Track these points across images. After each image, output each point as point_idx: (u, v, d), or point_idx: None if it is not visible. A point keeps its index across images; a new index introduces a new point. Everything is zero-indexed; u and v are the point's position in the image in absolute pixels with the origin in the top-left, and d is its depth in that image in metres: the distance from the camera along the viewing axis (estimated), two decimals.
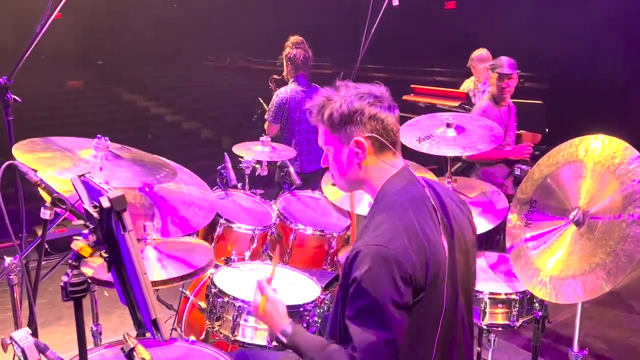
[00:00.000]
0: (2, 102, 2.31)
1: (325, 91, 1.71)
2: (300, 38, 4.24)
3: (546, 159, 2.35)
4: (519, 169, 2.89)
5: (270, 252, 2.99)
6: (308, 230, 2.98)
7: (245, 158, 3.30)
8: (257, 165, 3.34)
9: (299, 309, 2.28)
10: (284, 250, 3.00)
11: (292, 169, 3.32)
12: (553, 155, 2.32)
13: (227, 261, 2.56)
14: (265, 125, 4.23)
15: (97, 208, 1.25)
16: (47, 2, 2.24)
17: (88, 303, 2.68)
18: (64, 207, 1.82)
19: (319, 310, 2.35)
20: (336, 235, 3.01)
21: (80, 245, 1.28)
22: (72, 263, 1.31)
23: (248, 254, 2.83)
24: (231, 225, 2.82)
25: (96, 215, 1.27)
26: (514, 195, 2.49)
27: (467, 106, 5.36)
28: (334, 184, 1.85)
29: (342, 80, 1.74)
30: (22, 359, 1.40)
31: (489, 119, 4.05)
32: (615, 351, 3.62)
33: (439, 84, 6.81)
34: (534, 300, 2.58)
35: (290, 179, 3.29)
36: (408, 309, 1.51)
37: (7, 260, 2.02)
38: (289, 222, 2.99)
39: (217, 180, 3.12)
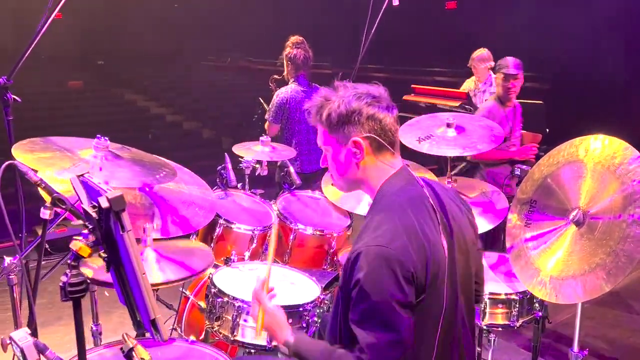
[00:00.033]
0: (2, 102, 2.31)
1: (323, 91, 1.71)
2: (301, 38, 4.24)
3: (546, 159, 2.35)
4: (519, 169, 2.88)
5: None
6: (308, 230, 2.98)
7: (245, 158, 3.30)
8: (257, 165, 3.33)
9: (298, 309, 2.28)
10: (283, 250, 3.00)
11: (292, 169, 3.32)
12: (553, 155, 2.32)
13: (227, 261, 2.56)
14: (266, 125, 4.23)
15: (95, 208, 1.25)
16: (47, 2, 2.24)
17: (88, 303, 2.70)
18: (64, 207, 1.81)
19: (318, 311, 2.35)
20: (336, 235, 3.00)
21: (79, 245, 1.28)
22: (71, 263, 1.31)
23: (248, 254, 2.83)
24: (231, 225, 2.82)
25: (95, 215, 1.26)
26: None
27: (468, 106, 5.36)
28: (333, 184, 1.85)
29: (341, 80, 1.74)
30: (21, 359, 1.40)
31: (495, 120, 4.06)
32: (616, 351, 3.61)
33: (440, 84, 6.80)
34: (534, 301, 2.59)
35: (290, 179, 3.29)
36: (412, 308, 1.51)
37: (7, 260, 2.01)
38: (289, 222, 2.99)
39: (217, 181, 3.12)
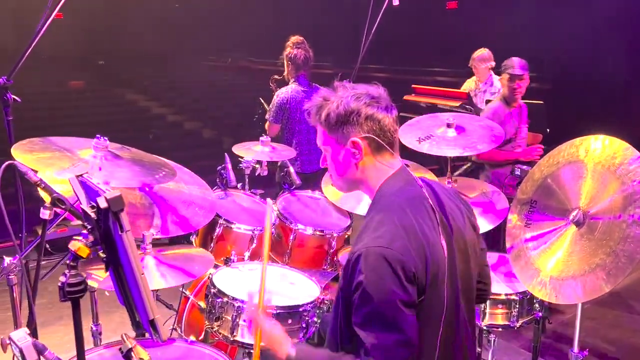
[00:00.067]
0: (2, 102, 2.31)
1: (323, 92, 1.71)
2: (301, 38, 4.23)
3: (547, 159, 2.34)
4: (519, 169, 2.87)
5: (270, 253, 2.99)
6: (308, 231, 2.98)
7: (245, 158, 3.30)
8: (257, 165, 3.33)
9: (298, 309, 2.28)
10: (283, 250, 3.00)
11: (292, 169, 3.31)
12: (553, 155, 2.32)
13: (227, 261, 2.56)
14: (266, 125, 4.23)
15: (94, 208, 1.25)
16: (47, 2, 2.24)
17: (88, 303, 2.70)
18: (63, 207, 1.81)
19: (318, 311, 2.35)
20: (336, 235, 3.00)
21: (77, 245, 1.28)
22: (70, 263, 1.31)
23: (247, 254, 2.83)
24: (230, 225, 2.82)
25: (93, 215, 1.26)
26: None
27: (469, 106, 5.35)
28: (333, 184, 1.84)
29: (341, 80, 1.74)
30: (20, 359, 1.40)
31: (500, 120, 4.06)
32: (616, 352, 3.61)
33: (440, 84, 6.79)
34: (534, 301, 2.58)
35: (290, 179, 3.29)
36: (416, 307, 1.50)
37: (7, 260, 2.01)
38: (289, 222, 2.98)
39: (217, 181, 3.12)
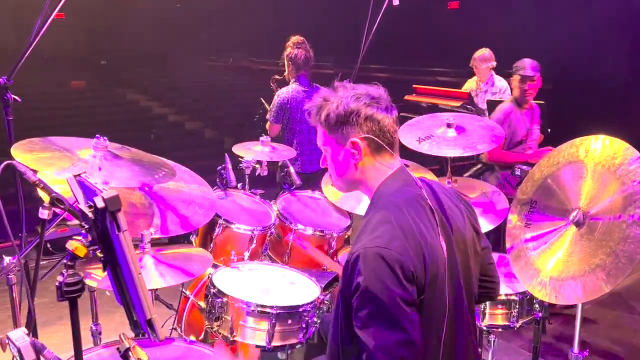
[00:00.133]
0: (2, 102, 2.31)
1: (323, 92, 1.71)
2: (302, 38, 4.23)
3: (547, 159, 2.34)
4: (519, 169, 2.87)
5: (269, 253, 2.99)
6: (308, 231, 2.97)
7: (245, 158, 3.29)
8: (257, 165, 3.33)
9: (298, 310, 2.28)
10: (283, 251, 2.99)
11: (292, 169, 3.31)
12: (554, 155, 2.32)
13: (227, 261, 2.56)
14: (267, 125, 4.23)
15: (92, 208, 1.25)
16: (47, 2, 2.24)
17: (88, 303, 2.70)
18: (62, 207, 1.81)
19: (318, 311, 2.35)
20: (336, 235, 3.00)
21: (75, 245, 1.28)
22: (68, 263, 1.31)
23: (247, 254, 2.83)
24: (230, 225, 2.82)
25: (91, 215, 1.26)
26: None
27: (470, 106, 5.35)
28: (333, 184, 1.84)
29: (341, 80, 1.74)
30: (19, 358, 1.40)
31: (511, 122, 4.05)
32: (617, 352, 3.60)
33: (441, 84, 6.79)
34: (534, 301, 2.58)
35: (290, 179, 3.28)
36: (417, 306, 1.50)
37: (6, 260, 2.01)
38: (289, 223, 2.98)
39: (217, 181, 3.12)
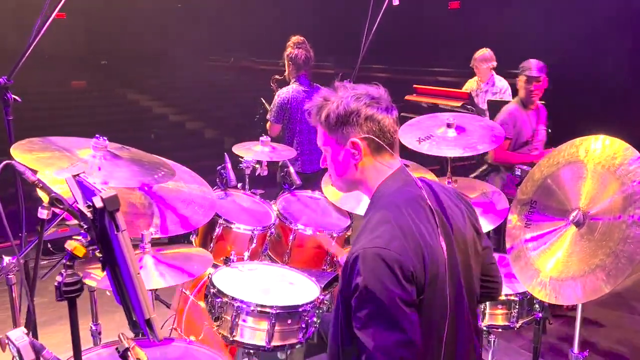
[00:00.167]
0: (2, 101, 2.31)
1: (323, 92, 1.71)
2: (302, 38, 4.23)
3: (547, 159, 2.33)
4: (520, 169, 2.87)
5: (269, 253, 2.99)
6: (308, 231, 2.97)
7: (245, 158, 3.29)
8: (257, 165, 3.33)
9: (297, 310, 2.28)
10: (283, 251, 2.99)
11: (292, 169, 3.31)
12: (553, 155, 2.31)
13: (226, 261, 2.56)
14: (268, 125, 4.23)
15: (90, 208, 1.25)
16: (47, 2, 2.24)
17: (88, 303, 2.70)
18: (62, 207, 1.81)
19: (318, 311, 2.35)
20: (336, 235, 3.00)
21: (73, 245, 1.28)
22: (66, 263, 1.31)
23: (247, 254, 2.83)
24: (230, 225, 2.82)
25: (90, 215, 1.26)
26: None
27: (470, 106, 5.35)
28: (333, 184, 1.84)
29: (341, 80, 1.74)
30: (18, 358, 1.40)
31: (516, 123, 4.04)
32: (617, 352, 3.60)
33: (442, 84, 6.78)
34: (534, 302, 2.58)
35: (290, 179, 3.28)
36: (416, 307, 1.50)
37: (6, 259, 2.01)
38: (289, 223, 2.98)
39: (217, 181, 3.12)
